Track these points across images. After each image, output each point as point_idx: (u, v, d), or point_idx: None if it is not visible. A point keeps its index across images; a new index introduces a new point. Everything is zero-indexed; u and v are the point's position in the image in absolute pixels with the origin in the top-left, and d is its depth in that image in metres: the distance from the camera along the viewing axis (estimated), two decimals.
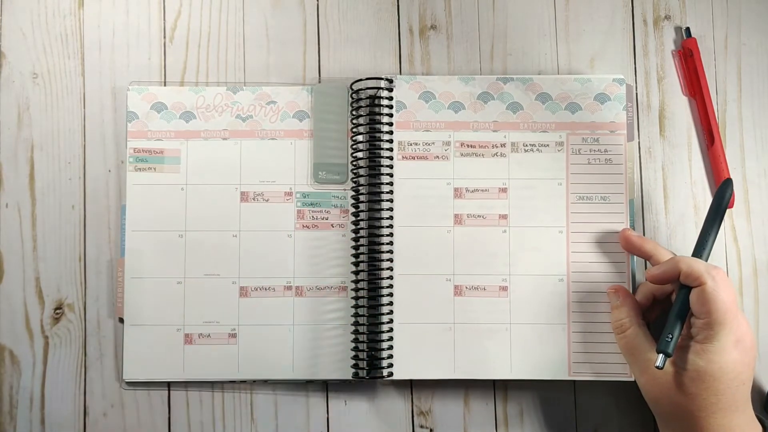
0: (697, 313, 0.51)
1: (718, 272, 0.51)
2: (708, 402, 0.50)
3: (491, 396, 0.61)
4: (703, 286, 0.50)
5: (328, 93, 0.62)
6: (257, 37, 0.64)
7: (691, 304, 0.52)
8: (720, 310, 0.50)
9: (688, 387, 0.51)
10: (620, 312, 0.57)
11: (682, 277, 0.52)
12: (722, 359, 0.50)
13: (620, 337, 0.56)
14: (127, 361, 0.60)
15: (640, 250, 0.58)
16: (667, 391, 0.52)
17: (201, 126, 0.62)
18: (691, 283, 0.52)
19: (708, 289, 0.50)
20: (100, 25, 0.64)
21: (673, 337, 0.52)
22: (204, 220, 0.61)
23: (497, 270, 0.60)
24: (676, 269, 0.53)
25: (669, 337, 0.52)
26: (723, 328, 0.50)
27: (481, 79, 0.62)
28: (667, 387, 0.52)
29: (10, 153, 0.62)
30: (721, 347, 0.50)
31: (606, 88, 0.61)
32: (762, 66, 0.64)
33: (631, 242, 0.58)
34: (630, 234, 0.59)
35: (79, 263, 0.62)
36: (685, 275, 0.52)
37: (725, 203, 0.56)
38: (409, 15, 0.64)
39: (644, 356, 0.54)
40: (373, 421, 0.61)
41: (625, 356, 0.56)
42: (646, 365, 0.53)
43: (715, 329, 0.50)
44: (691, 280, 0.51)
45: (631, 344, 0.55)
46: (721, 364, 0.50)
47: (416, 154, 0.61)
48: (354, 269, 0.60)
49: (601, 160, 0.61)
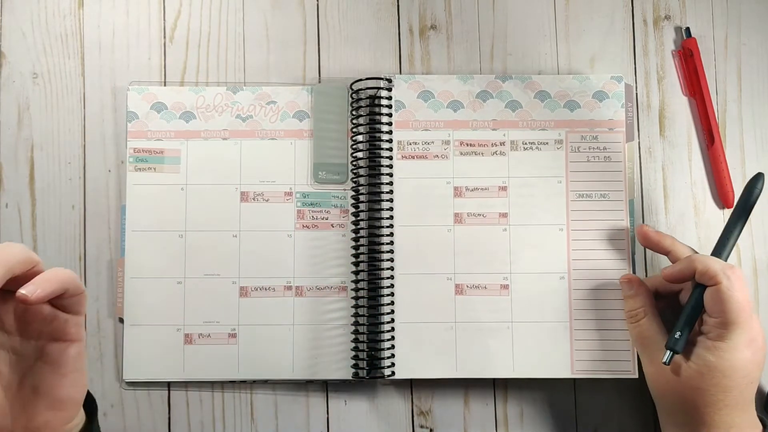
0: (711, 312, 0.51)
1: (734, 272, 0.50)
2: (715, 398, 0.50)
3: (491, 396, 0.61)
4: (718, 285, 0.50)
5: (328, 93, 0.62)
6: (257, 37, 0.64)
7: (705, 302, 0.52)
8: (734, 310, 0.50)
9: (696, 381, 0.51)
10: (635, 301, 0.57)
11: (698, 276, 0.52)
12: (734, 357, 0.50)
13: (634, 326, 0.56)
14: (127, 361, 0.60)
15: (658, 246, 0.57)
16: (674, 384, 0.52)
17: (201, 126, 0.62)
18: (706, 282, 0.51)
19: (723, 288, 0.50)
20: (100, 25, 0.64)
21: (682, 335, 0.52)
22: (204, 220, 0.61)
23: (498, 268, 0.60)
24: (691, 268, 0.52)
25: (678, 334, 0.52)
26: (736, 328, 0.50)
27: (480, 78, 0.62)
28: (674, 380, 0.52)
29: (10, 153, 0.62)
30: (734, 345, 0.50)
31: (604, 86, 0.62)
32: (762, 66, 0.64)
33: (649, 238, 0.58)
34: (648, 230, 0.58)
35: (79, 263, 0.62)
36: (700, 274, 0.52)
37: (754, 199, 0.54)
38: (409, 15, 0.64)
39: (655, 347, 0.54)
40: (373, 421, 0.61)
41: (636, 346, 0.57)
42: (656, 356, 0.53)
43: (729, 328, 0.50)
44: (706, 279, 0.51)
45: (644, 334, 0.55)
46: (732, 361, 0.50)
47: (416, 153, 0.61)
48: (354, 269, 0.60)
49: (600, 157, 0.61)
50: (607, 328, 0.60)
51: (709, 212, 0.63)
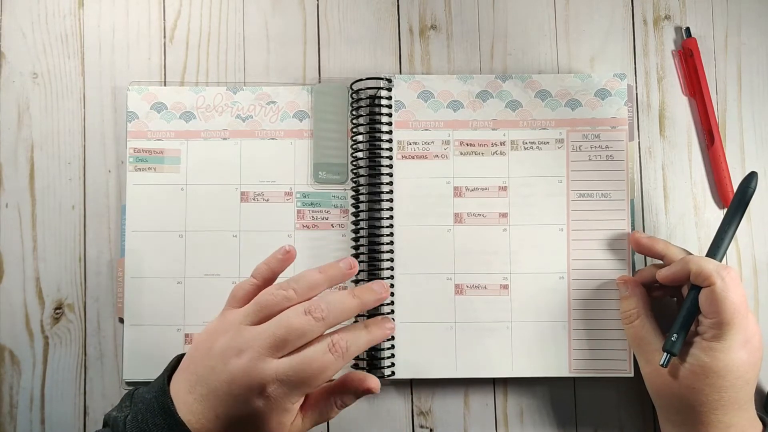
0: (706, 313, 0.51)
1: (728, 272, 0.50)
2: (710, 398, 0.50)
3: (491, 395, 0.61)
4: (713, 286, 0.50)
5: (328, 93, 0.62)
6: (257, 37, 0.64)
7: (700, 303, 0.52)
8: (729, 310, 0.50)
9: (691, 381, 0.51)
10: (629, 302, 0.57)
11: (692, 277, 0.52)
12: (728, 357, 0.50)
13: (629, 327, 0.57)
14: (127, 361, 0.60)
15: (651, 251, 0.58)
16: (669, 383, 0.52)
17: (201, 126, 0.62)
18: (701, 284, 0.51)
19: (717, 289, 0.50)
20: (100, 25, 0.64)
21: (679, 337, 0.52)
22: (204, 220, 0.61)
23: (498, 268, 0.60)
24: (686, 269, 0.52)
25: (675, 336, 0.52)
26: (731, 329, 0.50)
27: (480, 78, 0.62)
28: (670, 380, 0.52)
29: (10, 153, 0.62)
30: (729, 346, 0.50)
31: (607, 84, 0.61)
32: (762, 66, 0.64)
33: (642, 244, 0.58)
34: (639, 237, 0.58)
35: (79, 263, 0.62)
36: (694, 275, 0.52)
37: (748, 198, 0.54)
38: (409, 15, 0.64)
39: (651, 347, 0.54)
40: (373, 421, 0.61)
41: (633, 346, 0.57)
42: (652, 357, 0.54)
43: (723, 329, 0.50)
44: (701, 281, 0.51)
45: (639, 334, 0.55)
46: (726, 362, 0.50)
47: (416, 153, 0.61)
48: None
49: (602, 156, 0.61)
50: (604, 327, 0.60)
51: (709, 212, 0.63)
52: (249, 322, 0.48)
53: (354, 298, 0.50)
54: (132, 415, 0.47)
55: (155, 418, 0.46)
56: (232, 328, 0.48)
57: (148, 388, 0.49)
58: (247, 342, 0.47)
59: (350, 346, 0.48)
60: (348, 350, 0.48)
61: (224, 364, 0.46)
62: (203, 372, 0.47)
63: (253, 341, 0.46)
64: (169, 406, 0.46)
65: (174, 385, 0.48)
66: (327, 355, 0.47)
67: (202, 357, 0.48)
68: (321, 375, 0.47)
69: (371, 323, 0.51)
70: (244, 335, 0.47)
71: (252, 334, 0.47)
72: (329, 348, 0.47)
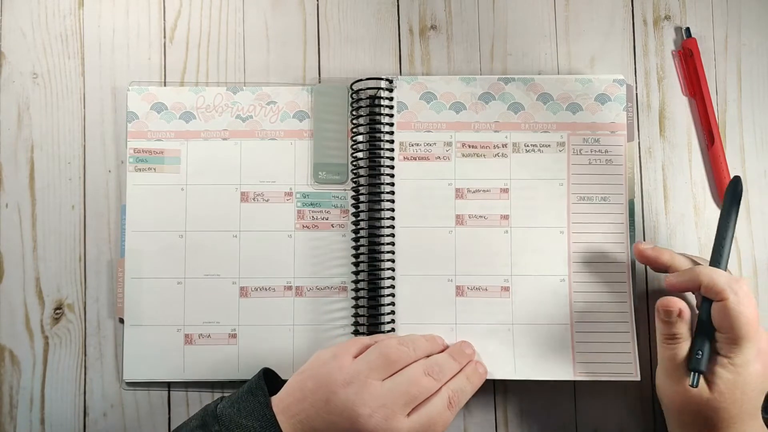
0: (720, 328, 0.51)
1: (740, 286, 0.50)
2: (732, 413, 0.50)
3: (491, 398, 0.61)
4: (726, 301, 0.49)
5: (328, 93, 0.62)
6: (257, 37, 0.64)
7: (713, 318, 0.51)
8: (743, 325, 0.49)
9: (718, 401, 0.50)
10: (680, 326, 0.53)
11: (703, 291, 0.51)
12: (746, 371, 0.50)
13: (669, 348, 0.53)
14: (127, 361, 0.60)
15: (657, 263, 0.56)
16: (695, 403, 0.51)
17: (201, 126, 0.62)
18: (713, 297, 0.51)
19: (731, 305, 0.49)
20: (100, 25, 0.64)
21: (703, 354, 0.51)
22: (204, 220, 0.61)
23: (499, 270, 0.60)
24: (696, 281, 0.52)
25: (699, 353, 0.51)
26: (746, 342, 0.49)
27: (483, 80, 0.62)
28: (696, 400, 0.51)
29: (10, 153, 0.62)
30: (746, 360, 0.50)
31: (606, 89, 0.62)
32: (762, 66, 0.64)
33: (646, 256, 0.57)
34: (644, 248, 0.57)
35: (79, 263, 0.62)
36: (706, 288, 0.51)
37: (737, 201, 0.54)
38: (409, 15, 0.64)
39: (684, 370, 0.52)
40: None
41: (666, 366, 0.54)
42: (683, 378, 0.52)
43: (739, 343, 0.50)
44: (713, 294, 0.51)
45: (679, 357, 0.52)
46: (746, 376, 0.50)
47: (418, 154, 0.61)
48: (354, 269, 0.60)
49: (602, 160, 0.61)
50: (607, 330, 0.59)
51: (709, 212, 0.63)
52: (378, 377, 0.49)
53: (454, 361, 0.55)
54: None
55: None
56: (357, 381, 0.48)
57: (238, 410, 0.49)
58: (378, 399, 0.47)
59: (461, 400, 0.53)
60: (460, 404, 0.53)
61: (351, 423, 0.47)
62: (321, 426, 0.47)
63: (385, 398, 0.47)
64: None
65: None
66: (446, 411, 0.51)
67: (318, 408, 0.48)
68: (444, 430, 0.51)
69: (471, 372, 0.56)
70: (374, 391, 0.48)
71: (383, 391, 0.48)
72: (448, 405, 0.52)
